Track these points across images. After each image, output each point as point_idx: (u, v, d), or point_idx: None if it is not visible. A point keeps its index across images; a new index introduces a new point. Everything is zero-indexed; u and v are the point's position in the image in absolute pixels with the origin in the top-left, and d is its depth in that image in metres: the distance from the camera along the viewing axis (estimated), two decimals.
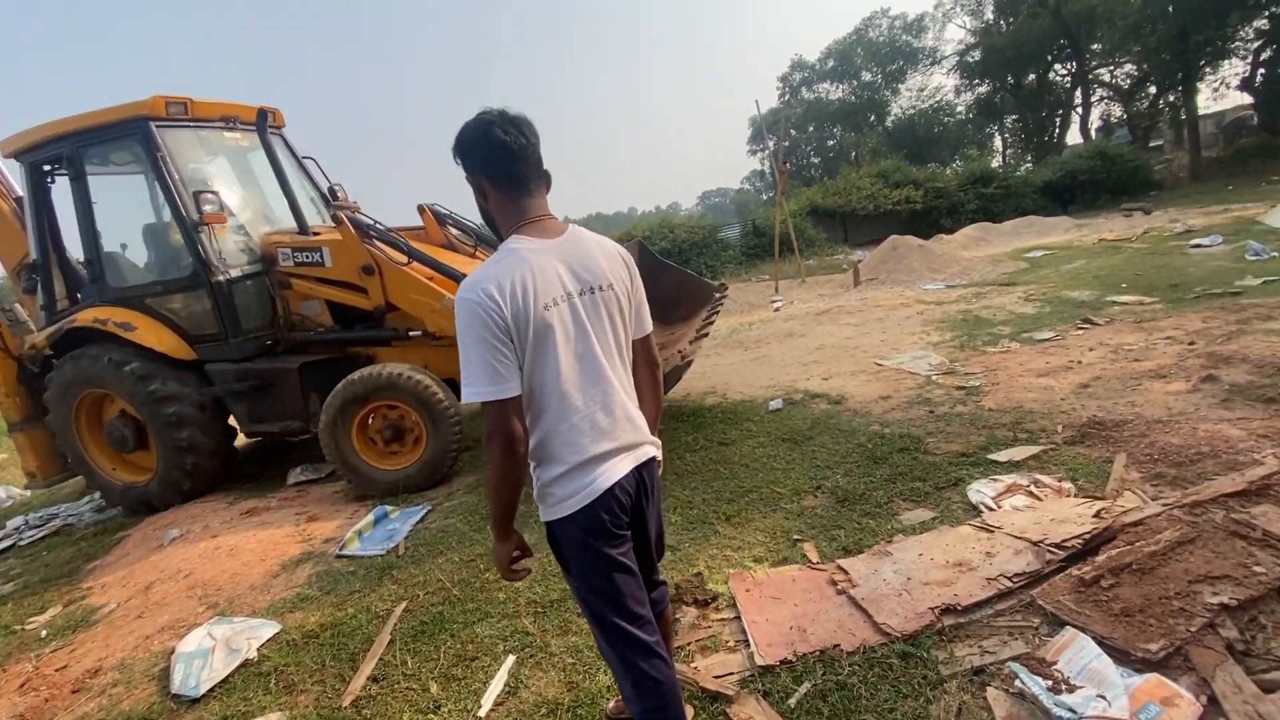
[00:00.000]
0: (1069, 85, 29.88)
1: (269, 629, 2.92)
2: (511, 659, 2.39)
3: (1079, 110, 29.84)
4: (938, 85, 37.39)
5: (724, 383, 6.06)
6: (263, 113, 5.11)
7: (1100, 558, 2.15)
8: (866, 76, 37.67)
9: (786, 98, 38.75)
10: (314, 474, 5.19)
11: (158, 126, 4.64)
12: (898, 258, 11.81)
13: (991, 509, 2.82)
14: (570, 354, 1.42)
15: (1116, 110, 30.01)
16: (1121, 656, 1.79)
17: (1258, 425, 3.02)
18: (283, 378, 4.81)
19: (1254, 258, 7.75)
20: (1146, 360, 4.42)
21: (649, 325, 1.66)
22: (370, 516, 4.04)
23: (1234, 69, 25.13)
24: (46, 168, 4.98)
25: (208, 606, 3.31)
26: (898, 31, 36.49)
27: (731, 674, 2.10)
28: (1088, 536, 2.29)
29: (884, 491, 3.23)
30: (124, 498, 5.11)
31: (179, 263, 4.88)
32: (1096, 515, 2.44)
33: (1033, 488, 2.94)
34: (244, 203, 5.34)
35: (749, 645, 2.20)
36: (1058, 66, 29.69)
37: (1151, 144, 28.50)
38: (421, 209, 5.30)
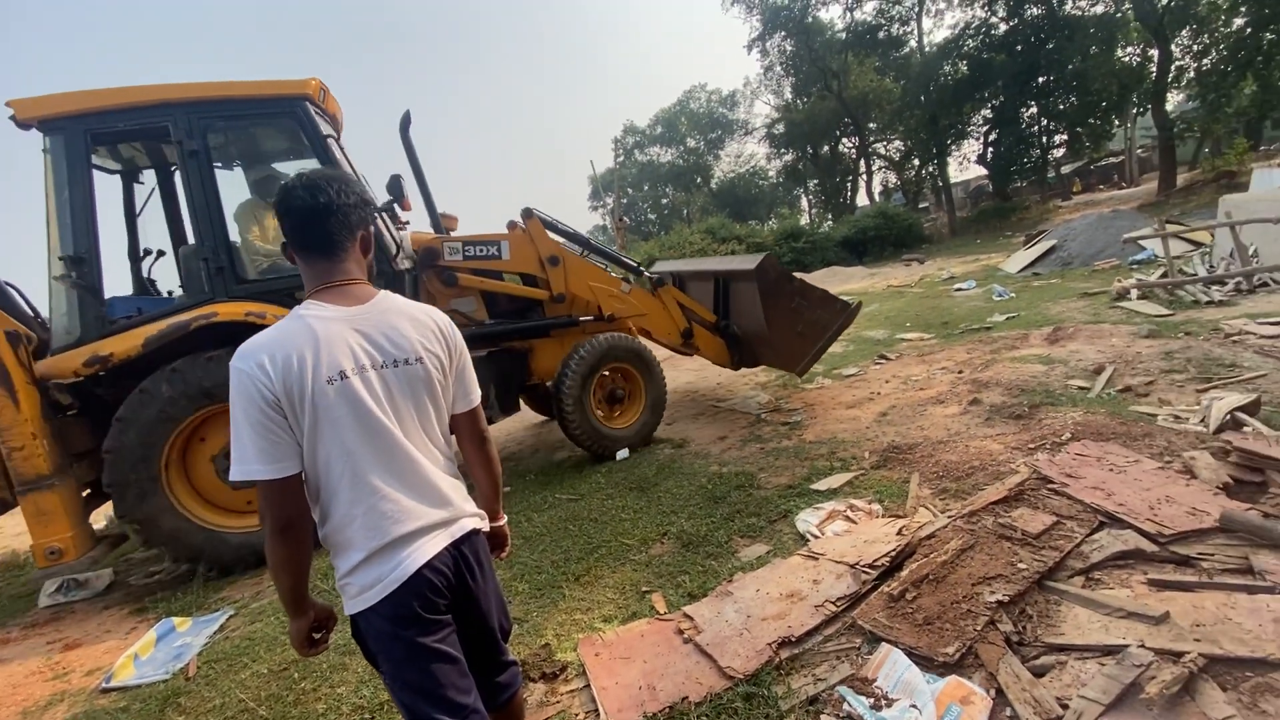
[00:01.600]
0: (855, 156, 35.11)
1: None
2: None
3: (864, 177, 35.15)
4: (751, 153, 42.05)
5: None
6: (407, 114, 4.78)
7: (904, 572, 2.39)
8: (691, 143, 41.35)
9: (621, 158, 41.12)
10: (80, 593, 4.23)
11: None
12: None
13: (816, 536, 3.04)
14: (362, 431, 1.31)
15: (892, 178, 35.78)
16: (927, 663, 1.98)
17: (1011, 439, 3.62)
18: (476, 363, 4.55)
19: (998, 298, 9.48)
20: (929, 389, 5.15)
21: (475, 397, 1.58)
22: (151, 633, 3.35)
23: (972, 147, 31.28)
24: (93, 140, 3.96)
25: None
26: (715, 104, 40.71)
27: None
28: (893, 554, 2.54)
29: (724, 530, 3.36)
30: (238, 553, 4.03)
31: None
32: (899, 533, 2.72)
33: (849, 512, 3.23)
34: None
35: (599, 714, 2.11)
36: (845, 140, 34.82)
37: (920, 205, 34.35)
38: (529, 213, 5.11)
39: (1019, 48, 25.27)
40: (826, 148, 34.72)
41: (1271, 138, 28.84)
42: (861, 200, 35.06)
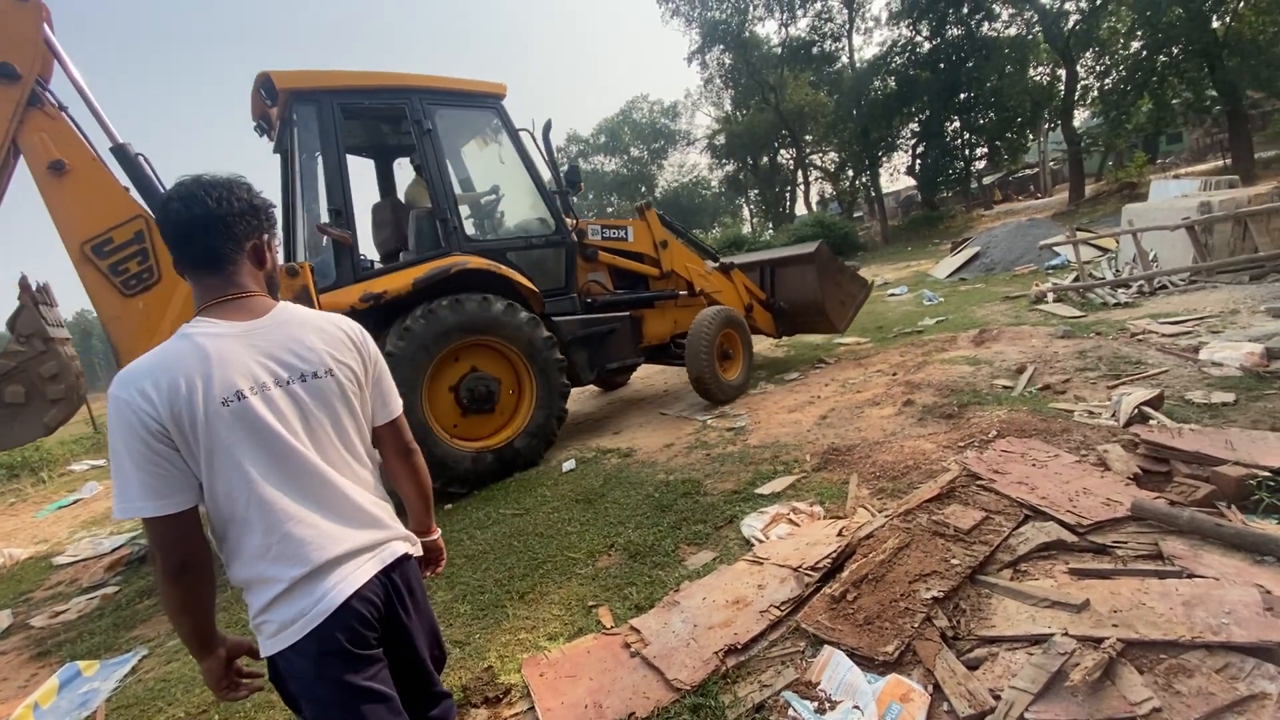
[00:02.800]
0: (793, 167, 36.18)
1: None
2: None
3: (802, 187, 36.24)
4: (694, 163, 42.80)
5: None
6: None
7: (845, 573, 2.43)
8: (635, 152, 41.66)
9: (565, 167, 40.98)
10: None
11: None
12: None
13: (761, 540, 3.06)
14: (267, 454, 1.21)
15: (828, 188, 37.04)
16: (868, 663, 2.00)
17: (943, 438, 3.76)
18: (621, 325, 5.83)
19: (928, 303, 9.92)
20: (865, 391, 5.30)
21: (395, 407, 1.50)
22: (54, 680, 3.07)
23: (901, 158, 32.77)
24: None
25: None
26: (657, 115, 41.18)
27: None
28: (834, 555, 2.58)
29: (671, 539, 3.34)
30: (476, 464, 4.78)
31: (540, 222, 5.62)
32: (839, 534, 2.77)
33: (792, 515, 3.27)
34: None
35: None
36: (784, 151, 35.85)
37: (855, 214, 35.70)
38: (648, 204, 6.36)
39: (942, 65, 26.69)
40: (766, 158, 35.65)
41: (1166, 152, 31.45)
42: (800, 209, 36.16)
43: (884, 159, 31.92)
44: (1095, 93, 24.93)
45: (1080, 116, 27.54)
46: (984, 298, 9.39)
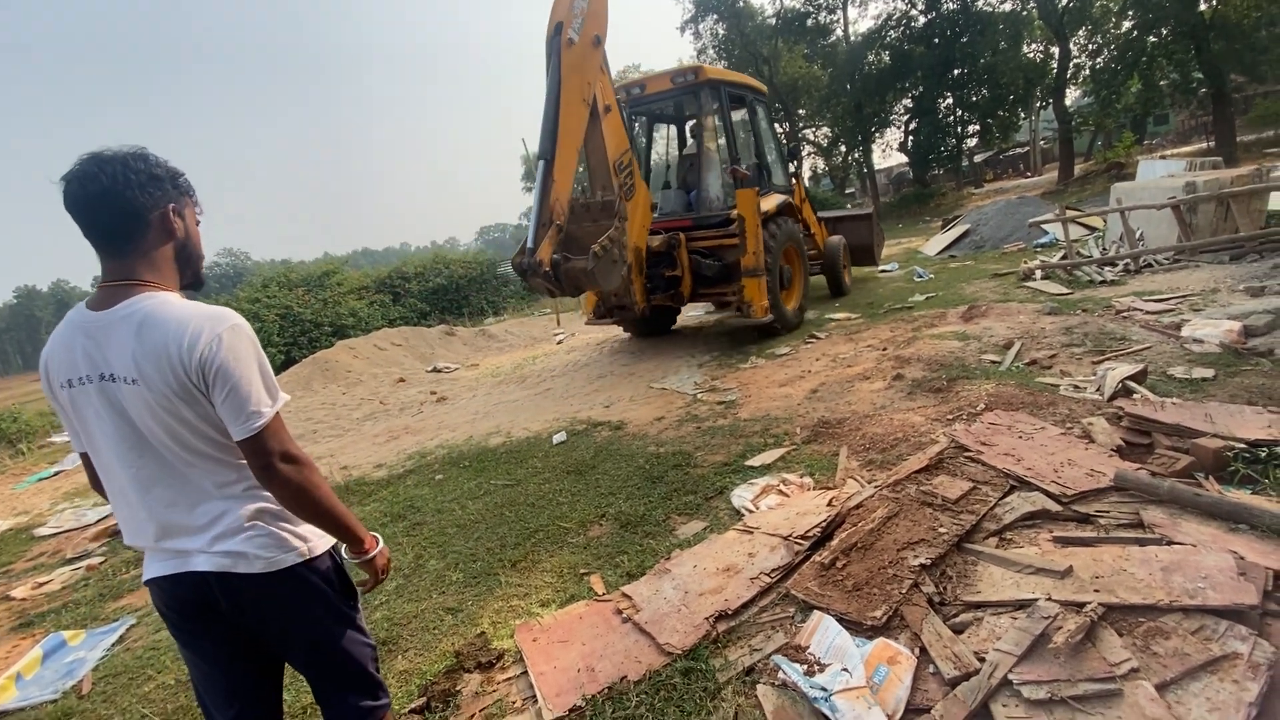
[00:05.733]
0: (786, 141, 35.77)
1: None
2: None
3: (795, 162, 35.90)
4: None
5: (508, 421, 5.89)
6: None
7: (834, 541, 2.47)
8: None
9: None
10: None
11: None
12: None
13: (751, 511, 3.10)
14: (91, 441, 1.35)
15: (821, 163, 36.75)
16: (856, 627, 2.04)
17: (932, 411, 3.80)
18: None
19: (918, 279, 9.96)
20: (855, 366, 5.34)
21: (253, 424, 1.27)
22: (37, 650, 3.06)
23: (894, 135, 32.56)
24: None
25: None
26: (609, 75, 40.32)
27: None
28: (824, 524, 2.62)
29: (662, 509, 3.37)
30: (794, 316, 7.50)
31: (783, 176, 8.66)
32: (829, 504, 2.81)
33: (782, 486, 3.30)
34: None
35: (537, 700, 2.07)
36: (777, 125, 35.40)
37: (847, 190, 35.51)
38: (797, 176, 9.06)
39: (936, 40, 26.41)
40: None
41: (1153, 133, 31.52)
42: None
43: (877, 135, 31.70)
44: (1087, 71, 24.85)
45: (1071, 96, 27.49)
46: (973, 275, 9.43)
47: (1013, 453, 2.90)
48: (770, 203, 7.22)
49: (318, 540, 1.46)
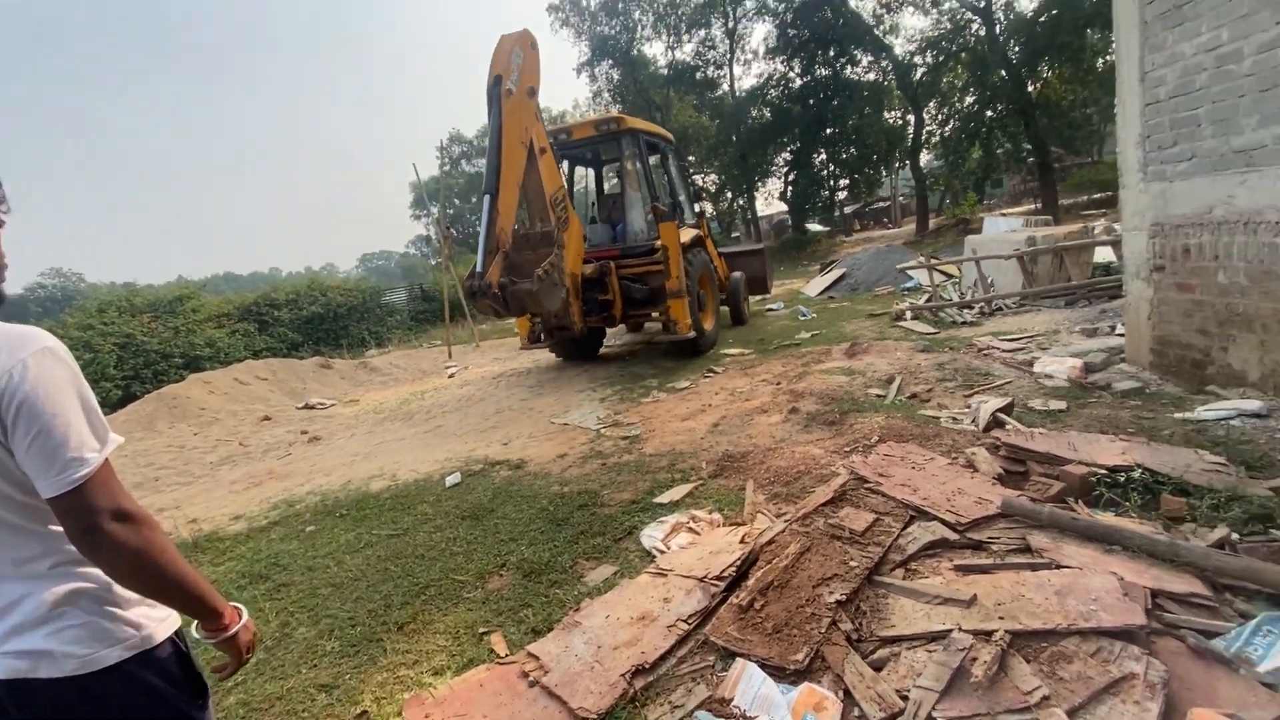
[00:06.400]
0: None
1: None
2: None
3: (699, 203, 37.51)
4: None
5: (393, 462, 5.41)
6: None
7: (751, 581, 2.40)
8: None
9: (447, 167, 39.42)
10: None
11: None
12: None
13: (662, 551, 2.98)
14: None
15: (710, 208, 38.62)
16: (779, 672, 1.96)
17: (829, 444, 3.92)
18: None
19: (803, 318, 10.54)
20: (753, 399, 5.46)
21: (66, 477, 1.00)
22: None
23: (775, 185, 35.00)
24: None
25: None
26: (545, 121, 40.74)
27: None
28: (738, 563, 2.55)
29: (568, 554, 3.16)
30: (712, 334, 8.54)
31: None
32: (742, 541, 2.75)
33: (691, 523, 3.22)
34: None
35: None
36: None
37: (733, 235, 37.51)
38: (703, 213, 10.31)
39: (811, 101, 28.94)
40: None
41: (990, 194, 36.22)
42: None
43: (760, 183, 33.95)
44: (937, 138, 28.25)
45: (925, 158, 31.04)
46: (851, 315, 10.14)
47: (908, 483, 3.01)
48: (686, 236, 8.03)
49: (155, 624, 1.15)
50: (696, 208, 9.89)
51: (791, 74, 29.71)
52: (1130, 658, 1.72)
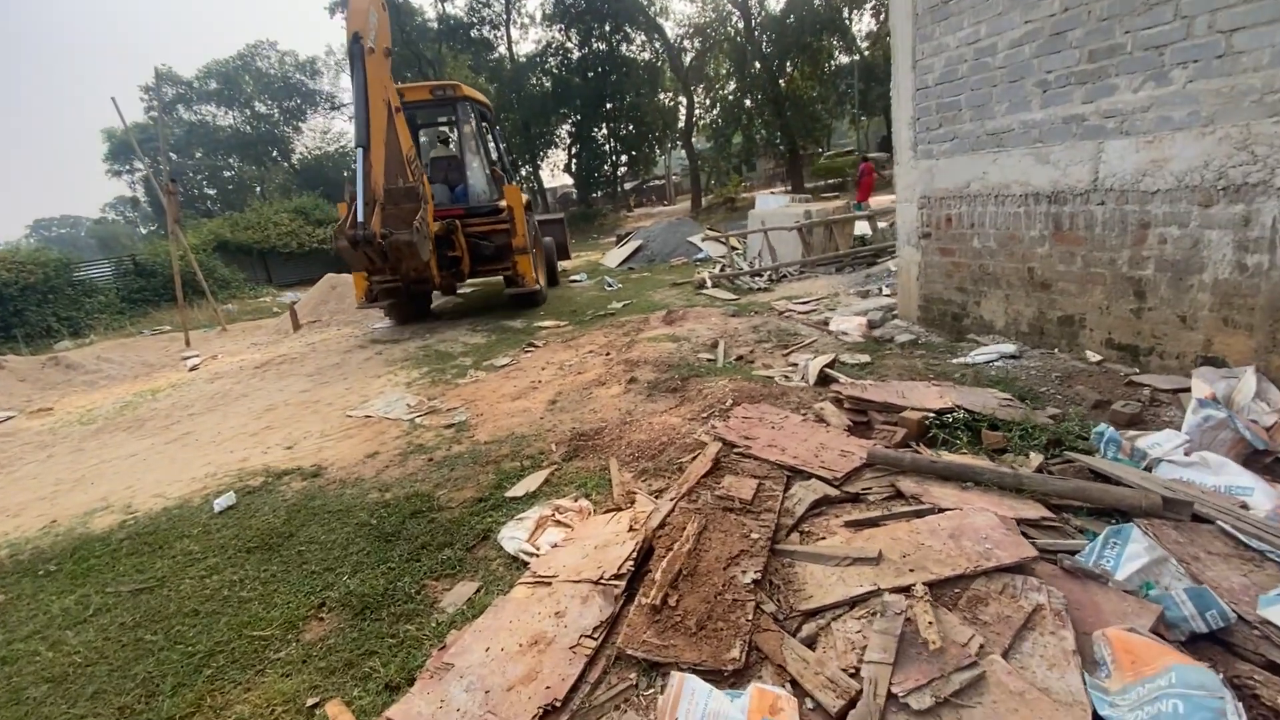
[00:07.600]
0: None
1: None
2: None
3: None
4: (341, 129, 37.73)
5: (123, 488, 4.06)
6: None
7: (655, 574, 2.12)
8: (262, 108, 34.65)
9: (155, 114, 31.70)
10: None
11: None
12: (339, 297, 10.98)
13: (533, 554, 2.57)
14: None
15: None
16: (716, 676, 1.73)
17: (684, 411, 3.81)
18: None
19: (609, 289, 10.53)
20: (587, 372, 5.18)
21: None
22: None
23: (559, 156, 34.70)
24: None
25: None
26: (289, 68, 34.95)
27: None
28: (635, 555, 2.26)
29: (409, 577, 2.57)
30: (547, 287, 10.33)
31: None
32: (630, 529, 2.47)
33: (558, 515, 2.85)
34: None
35: None
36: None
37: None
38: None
39: (590, 75, 29.04)
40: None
41: (747, 176, 40.46)
42: None
43: (544, 155, 33.32)
44: (706, 122, 30.47)
45: (697, 140, 33.35)
46: (655, 284, 10.37)
47: (775, 443, 3.00)
48: (524, 198, 8.61)
49: None
50: (518, 174, 10.62)
51: (570, 44, 29.42)
52: (1032, 589, 1.81)
